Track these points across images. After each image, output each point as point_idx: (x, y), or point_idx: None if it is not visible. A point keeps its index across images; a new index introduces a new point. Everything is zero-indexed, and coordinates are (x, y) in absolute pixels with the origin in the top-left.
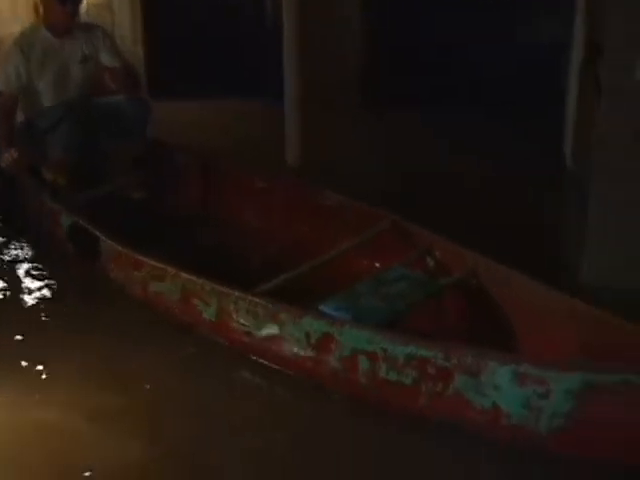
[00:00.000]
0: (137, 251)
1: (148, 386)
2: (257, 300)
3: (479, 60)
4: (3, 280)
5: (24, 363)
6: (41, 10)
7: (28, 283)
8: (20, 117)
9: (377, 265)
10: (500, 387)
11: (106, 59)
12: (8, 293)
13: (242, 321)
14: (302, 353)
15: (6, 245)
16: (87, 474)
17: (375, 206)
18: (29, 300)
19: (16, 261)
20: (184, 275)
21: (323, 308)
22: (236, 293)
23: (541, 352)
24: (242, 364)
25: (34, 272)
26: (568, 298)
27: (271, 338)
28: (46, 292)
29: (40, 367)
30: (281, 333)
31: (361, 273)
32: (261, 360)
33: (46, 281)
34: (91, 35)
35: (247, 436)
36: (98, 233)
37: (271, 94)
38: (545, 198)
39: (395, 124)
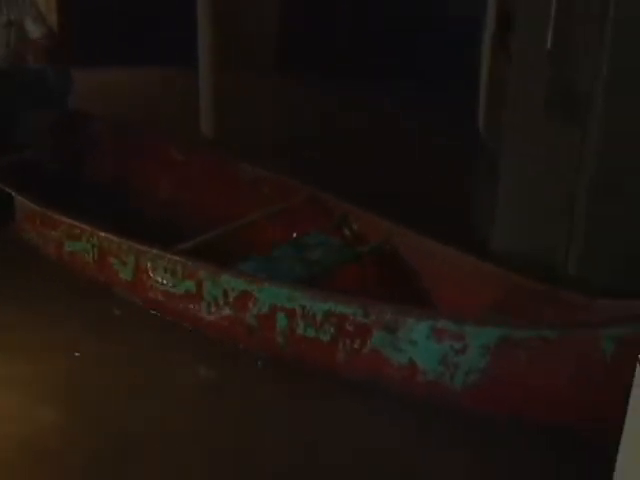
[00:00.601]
0: (52, 210)
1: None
2: (176, 258)
3: (395, 31)
4: None
5: None
6: None
7: None
8: None
9: (294, 235)
10: (417, 343)
11: (30, 27)
12: None
13: (159, 279)
14: (219, 312)
15: None
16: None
17: (291, 178)
18: None
19: None
20: (101, 234)
21: (241, 268)
22: (154, 251)
23: (455, 313)
24: (154, 325)
25: None
26: (479, 261)
27: (188, 296)
28: None
29: None
30: (198, 291)
31: (279, 241)
32: (176, 320)
33: None
34: (17, 0)
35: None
36: (13, 192)
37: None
38: (458, 166)
39: (309, 90)
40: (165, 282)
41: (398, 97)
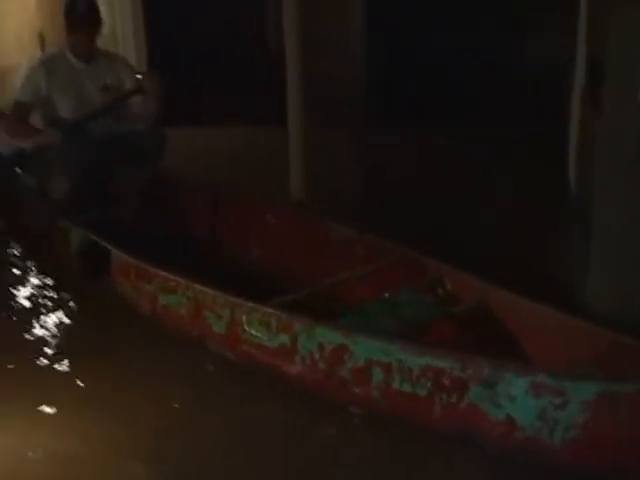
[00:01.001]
0: (149, 263)
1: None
2: (271, 310)
3: (480, 81)
4: (11, 301)
5: (33, 389)
6: (64, 36)
7: (35, 305)
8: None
9: (386, 295)
10: (515, 398)
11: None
12: (16, 316)
13: (254, 332)
14: (313, 366)
15: (12, 265)
16: None
17: (383, 238)
18: (36, 323)
19: (23, 283)
20: (197, 286)
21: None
22: (250, 304)
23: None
24: (247, 380)
25: (41, 293)
26: (573, 318)
27: (282, 350)
28: (53, 314)
29: (50, 395)
30: (293, 344)
31: (370, 300)
32: (269, 374)
33: (53, 302)
34: (114, 65)
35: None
36: (109, 246)
37: (275, 121)
38: (551, 223)
39: (397, 145)
40: (259, 335)
41: (485, 147)
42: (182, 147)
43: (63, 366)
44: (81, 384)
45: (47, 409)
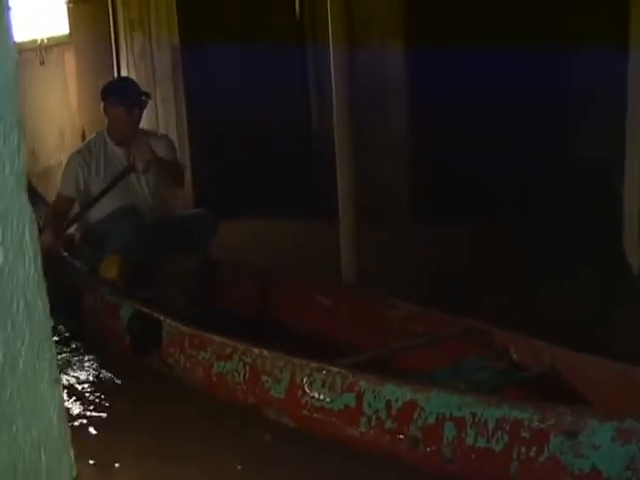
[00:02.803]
0: (204, 330)
1: None
2: (336, 369)
3: (528, 171)
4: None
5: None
6: (106, 120)
7: (84, 383)
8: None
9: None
10: (601, 447)
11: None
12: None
13: (316, 395)
14: (379, 426)
15: (64, 345)
16: None
17: (446, 313)
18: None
19: (74, 362)
20: (255, 350)
21: None
22: (313, 364)
23: None
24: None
25: (90, 372)
26: None
27: (346, 412)
28: (103, 391)
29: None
30: (358, 405)
31: (436, 367)
32: (331, 440)
33: (104, 380)
34: (155, 144)
35: None
36: (162, 316)
37: (317, 214)
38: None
39: (446, 237)
40: (322, 397)
41: (538, 236)
42: (226, 240)
43: (116, 442)
44: (136, 460)
45: None
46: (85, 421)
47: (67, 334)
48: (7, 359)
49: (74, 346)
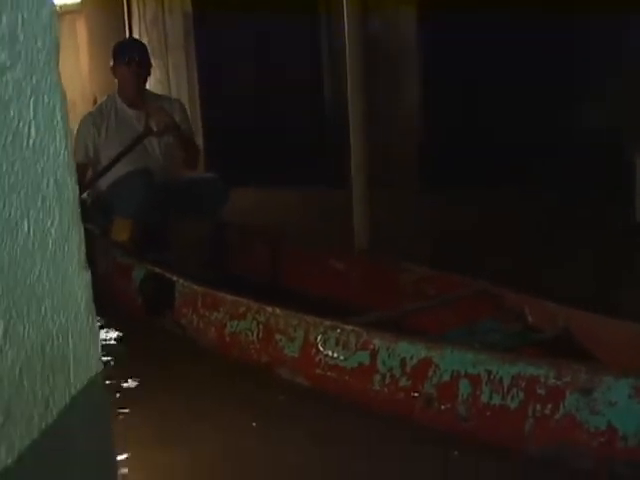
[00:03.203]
0: (217, 289)
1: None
2: (350, 327)
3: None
4: None
5: None
6: (115, 81)
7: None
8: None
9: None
10: (617, 404)
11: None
12: None
13: (330, 353)
14: (394, 384)
15: None
16: None
17: (459, 275)
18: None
19: None
20: (269, 308)
21: None
22: (327, 322)
23: None
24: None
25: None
26: None
27: (360, 370)
28: (116, 354)
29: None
30: (372, 363)
31: (449, 328)
32: (345, 399)
33: (115, 341)
34: (169, 109)
35: None
36: (174, 277)
37: (329, 181)
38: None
39: (456, 202)
40: (336, 355)
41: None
42: (237, 206)
43: (130, 405)
44: (151, 422)
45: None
46: None
47: None
48: (36, 236)
49: None
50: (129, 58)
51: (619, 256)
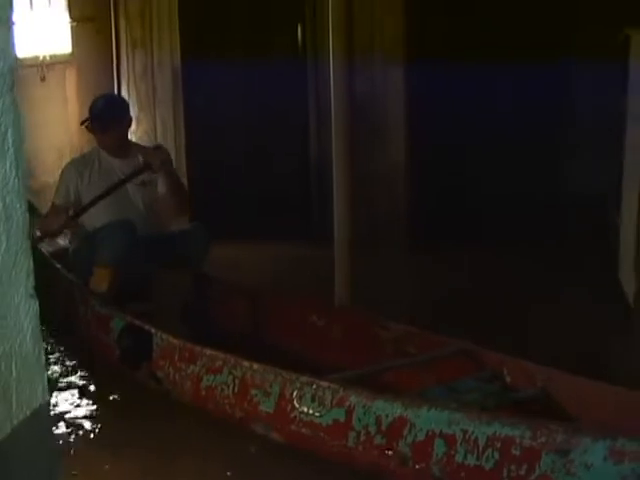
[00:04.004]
0: (194, 343)
1: None
2: (326, 384)
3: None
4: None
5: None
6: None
7: (74, 394)
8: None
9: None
10: (593, 466)
11: (161, 185)
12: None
13: (305, 409)
14: (368, 442)
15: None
16: None
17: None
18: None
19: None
20: (245, 363)
21: None
22: (303, 378)
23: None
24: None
25: (79, 382)
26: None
27: (335, 427)
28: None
29: None
30: (347, 420)
31: (428, 387)
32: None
33: (91, 392)
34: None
35: None
36: (153, 329)
37: (310, 239)
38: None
39: (444, 265)
40: (311, 412)
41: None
42: (219, 258)
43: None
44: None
45: None
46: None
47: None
48: None
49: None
50: (103, 119)
51: (602, 317)
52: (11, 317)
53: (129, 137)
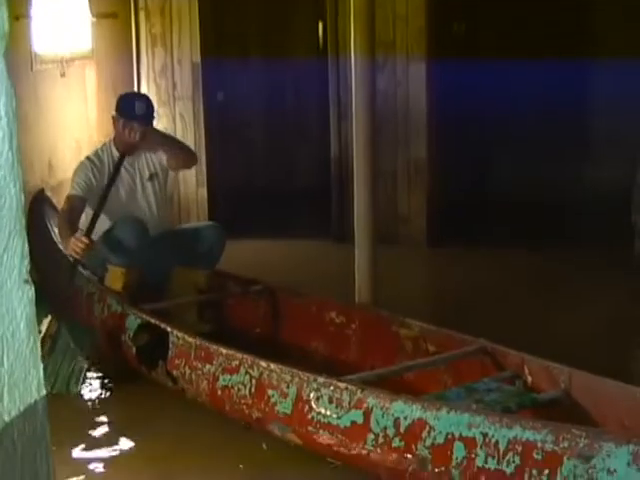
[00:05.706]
0: (211, 342)
1: None
2: (344, 385)
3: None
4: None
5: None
6: (113, 130)
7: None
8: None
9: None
10: (616, 471)
11: (167, 155)
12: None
13: (322, 411)
14: (386, 445)
15: None
16: None
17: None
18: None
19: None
20: (262, 363)
21: None
22: (320, 379)
23: None
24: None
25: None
26: None
27: (352, 429)
28: (105, 402)
29: None
30: (365, 422)
31: (448, 387)
32: (337, 458)
33: (109, 392)
34: (158, 153)
35: None
36: (169, 327)
37: (329, 235)
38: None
39: (466, 263)
40: (329, 413)
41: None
42: (238, 257)
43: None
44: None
45: None
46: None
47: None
48: None
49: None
50: (129, 123)
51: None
52: (3, 304)
53: None
